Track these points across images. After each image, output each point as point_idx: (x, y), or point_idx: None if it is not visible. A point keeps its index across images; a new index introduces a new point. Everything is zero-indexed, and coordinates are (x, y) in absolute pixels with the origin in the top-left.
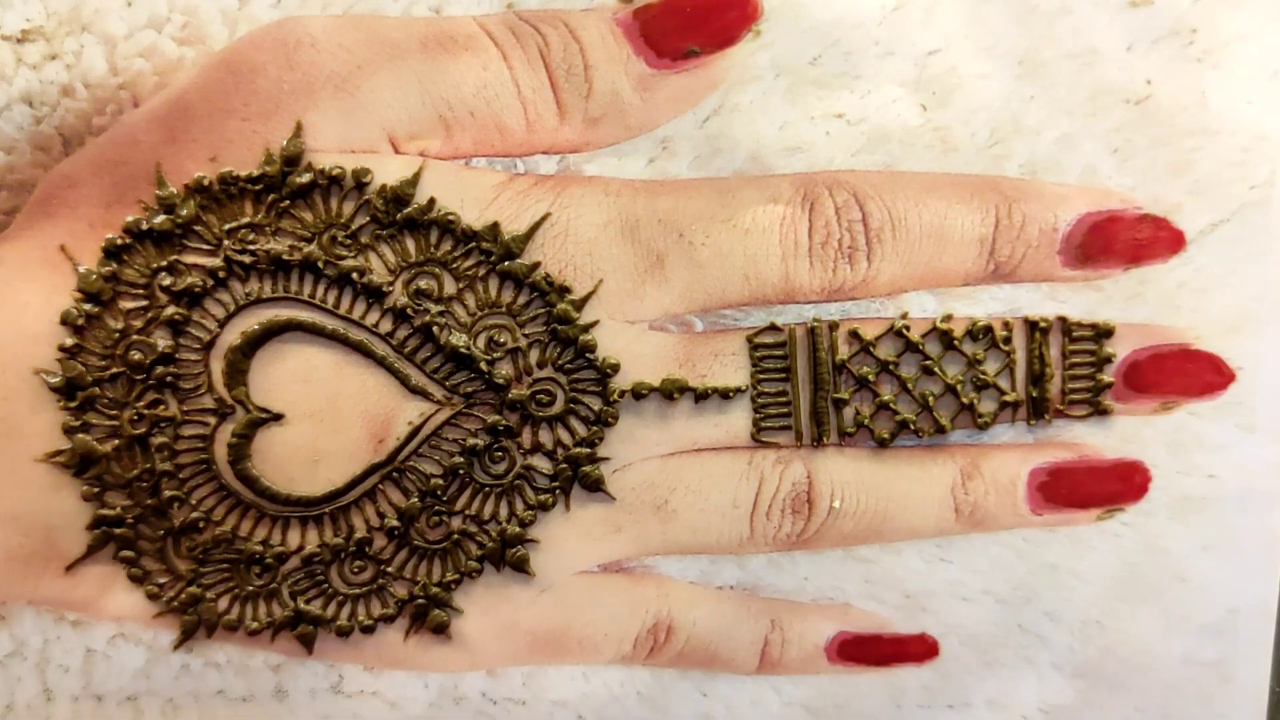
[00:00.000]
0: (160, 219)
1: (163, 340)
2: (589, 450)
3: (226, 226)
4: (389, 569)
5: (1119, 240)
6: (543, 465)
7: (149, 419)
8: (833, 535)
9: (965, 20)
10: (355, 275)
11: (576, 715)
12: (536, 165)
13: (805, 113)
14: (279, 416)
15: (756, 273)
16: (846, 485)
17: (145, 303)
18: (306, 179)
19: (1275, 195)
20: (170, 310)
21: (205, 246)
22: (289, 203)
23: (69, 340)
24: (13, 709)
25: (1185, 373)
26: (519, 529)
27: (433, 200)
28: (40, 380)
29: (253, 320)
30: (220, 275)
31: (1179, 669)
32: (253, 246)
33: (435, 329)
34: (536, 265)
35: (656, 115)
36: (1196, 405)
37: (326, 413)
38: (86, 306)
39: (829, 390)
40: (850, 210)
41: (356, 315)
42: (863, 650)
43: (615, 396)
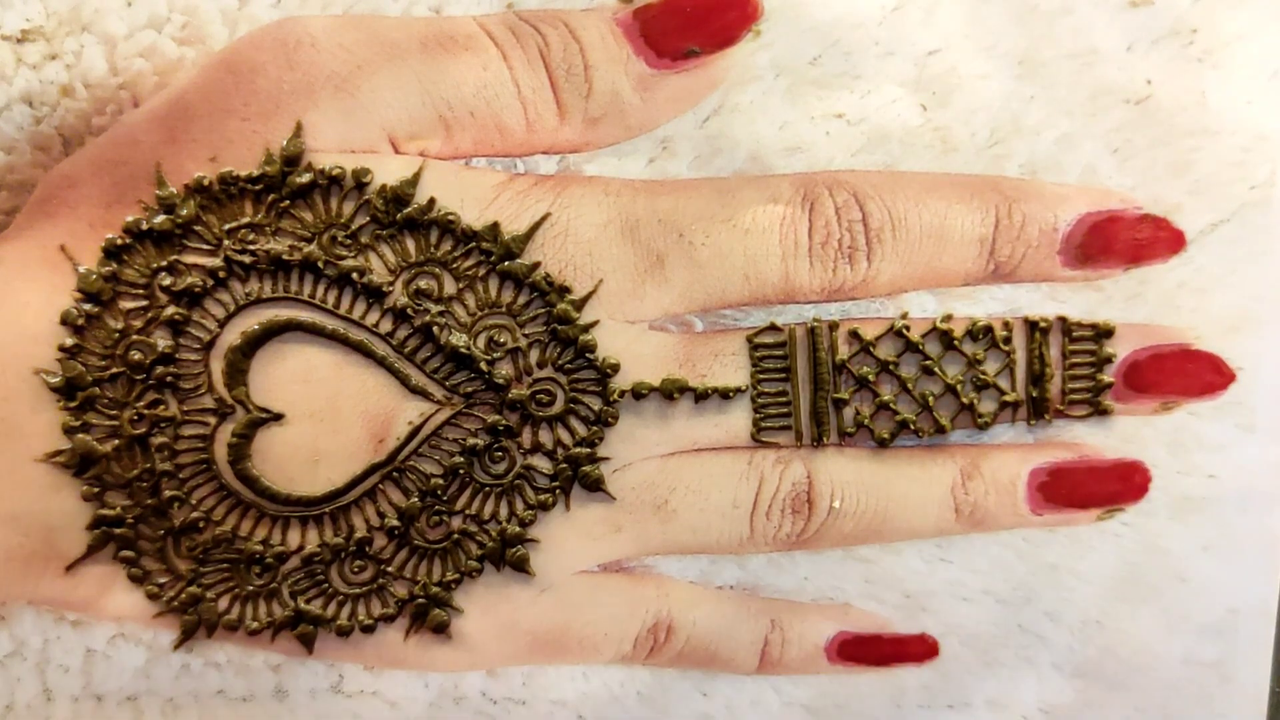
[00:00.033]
0: (160, 219)
1: (163, 340)
2: (589, 450)
3: (226, 226)
4: (389, 569)
5: (1119, 240)
6: (543, 465)
7: (149, 419)
8: (833, 535)
9: (965, 20)
10: (355, 275)
11: (576, 715)
12: (536, 165)
13: (805, 113)
14: (279, 416)
15: (756, 273)
16: (846, 485)
17: (145, 303)
18: (306, 179)
19: (1275, 195)
20: (170, 310)
21: (205, 246)
22: (289, 203)
23: (69, 340)
24: (12, 709)
25: (1185, 373)
26: (519, 529)
27: (433, 200)
28: (40, 380)
29: (253, 320)
30: (220, 275)
31: (1179, 669)
32: (253, 246)
33: (435, 329)
34: (536, 265)
35: (656, 115)
36: (1196, 405)
37: (326, 413)
38: (86, 306)
39: (829, 390)
40: (850, 210)
41: (356, 315)
42: (863, 650)
43: (615, 396)
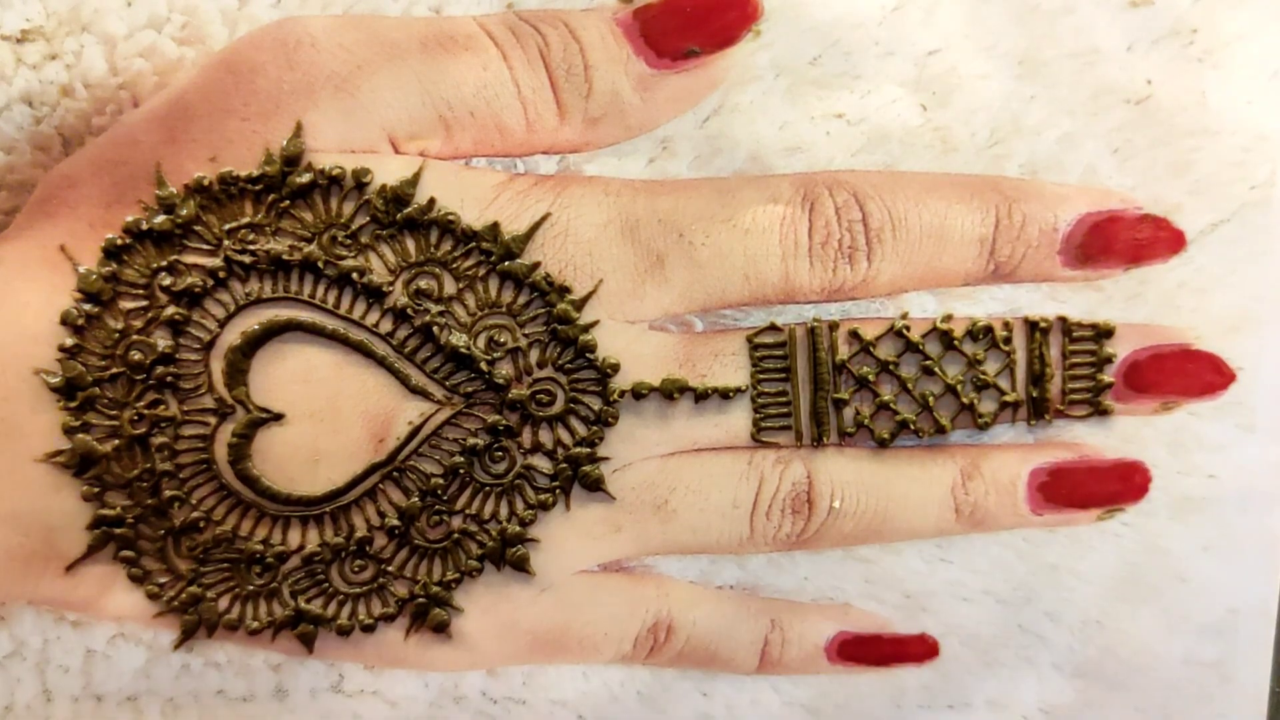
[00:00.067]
0: (160, 219)
1: (163, 340)
2: (589, 450)
3: (226, 226)
4: (389, 568)
5: (1119, 240)
6: (543, 465)
7: (149, 419)
8: (833, 535)
9: (965, 20)
10: (355, 275)
11: (576, 715)
12: (536, 165)
13: (805, 113)
14: (279, 416)
15: (756, 273)
16: (846, 485)
17: (145, 303)
18: (306, 179)
19: (1275, 195)
20: (170, 310)
21: (205, 246)
22: (289, 203)
23: (69, 340)
24: (12, 709)
25: (1185, 373)
26: (519, 528)
27: (433, 200)
28: (40, 380)
29: (253, 320)
30: (220, 275)
31: (1179, 669)
32: (253, 246)
33: (435, 329)
34: (536, 265)
35: (656, 115)
36: (1197, 405)
37: (327, 412)
38: (86, 306)
39: (829, 390)
40: (850, 210)
41: (357, 315)
42: (863, 650)
43: (615, 396)
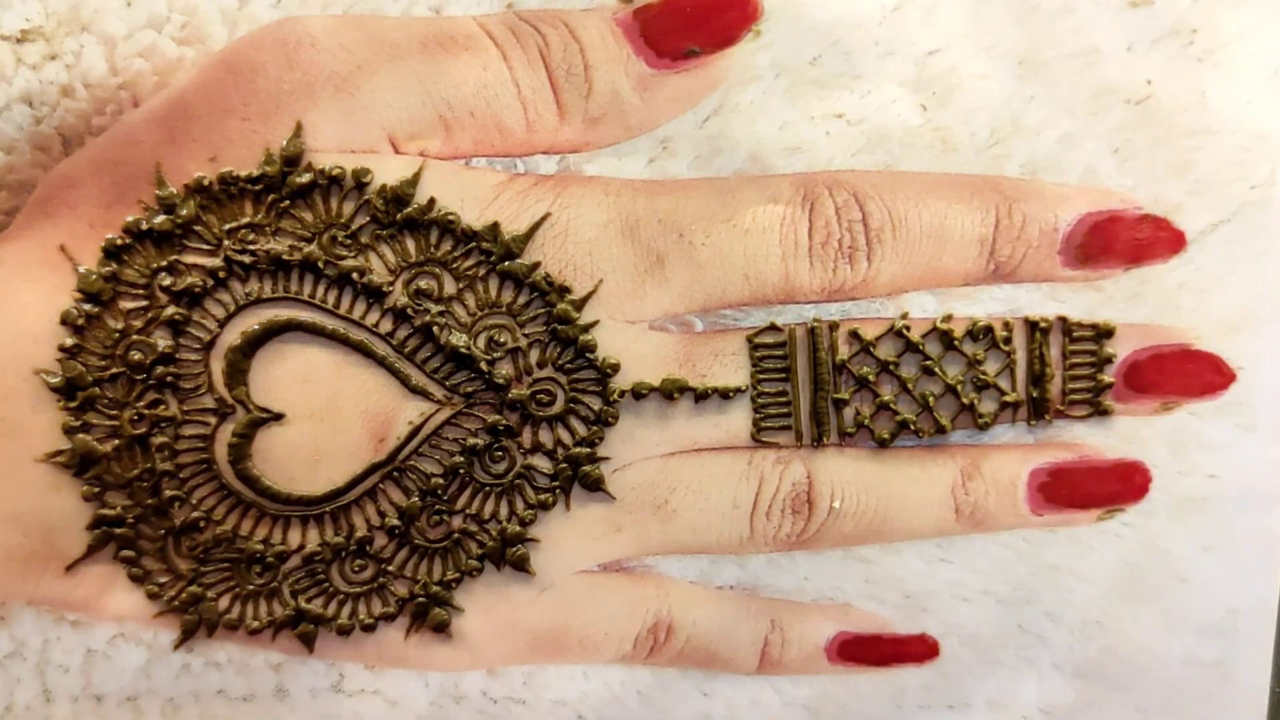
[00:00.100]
0: (160, 219)
1: (163, 340)
2: (589, 450)
3: (226, 226)
4: (390, 568)
5: (1119, 240)
6: (543, 465)
7: (149, 419)
8: (833, 535)
9: (965, 20)
10: (355, 275)
11: (576, 714)
12: (536, 165)
13: (805, 113)
14: (279, 416)
15: (756, 273)
16: (846, 485)
17: (145, 303)
18: (306, 179)
19: (1275, 195)
20: (170, 310)
21: (205, 246)
22: (289, 203)
23: (69, 340)
24: (12, 709)
25: (1185, 373)
26: (519, 528)
27: (433, 200)
28: (40, 380)
29: (253, 320)
30: (220, 275)
31: (1179, 669)
32: (253, 246)
33: (435, 329)
34: (536, 265)
35: (656, 115)
36: (1197, 405)
37: (327, 412)
38: (86, 306)
39: (829, 390)
40: (850, 210)
41: (357, 315)
42: (863, 650)
43: (615, 396)
